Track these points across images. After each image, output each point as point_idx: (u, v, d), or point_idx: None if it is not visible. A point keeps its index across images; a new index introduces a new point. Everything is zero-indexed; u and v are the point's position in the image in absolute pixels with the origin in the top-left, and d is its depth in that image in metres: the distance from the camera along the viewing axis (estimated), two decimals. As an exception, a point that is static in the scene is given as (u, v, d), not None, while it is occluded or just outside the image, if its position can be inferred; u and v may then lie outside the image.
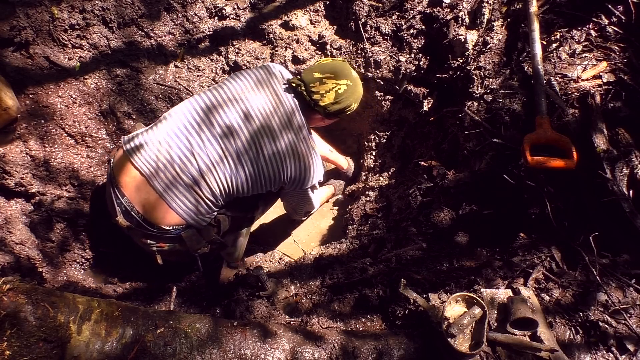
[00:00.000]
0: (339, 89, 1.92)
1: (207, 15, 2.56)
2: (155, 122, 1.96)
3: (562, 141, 1.69)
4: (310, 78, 1.93)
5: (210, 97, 1.90)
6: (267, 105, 1.92)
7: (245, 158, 1.87)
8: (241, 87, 1.93)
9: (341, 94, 1.94)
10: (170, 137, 1.85)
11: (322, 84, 1.92)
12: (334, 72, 1.93)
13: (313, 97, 1.93)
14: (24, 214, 2.18)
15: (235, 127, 1.86)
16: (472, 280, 1.62)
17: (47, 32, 2.22)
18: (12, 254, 2.02)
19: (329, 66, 1.96)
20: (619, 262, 1.56)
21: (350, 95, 1.98)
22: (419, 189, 2.17)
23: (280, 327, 1.49)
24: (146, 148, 1.84)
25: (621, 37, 1.83)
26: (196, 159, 1.82)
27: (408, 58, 2.50)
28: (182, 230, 1.91)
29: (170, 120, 1.89)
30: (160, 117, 1.96)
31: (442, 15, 2.36)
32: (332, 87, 1.92)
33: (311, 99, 1.94)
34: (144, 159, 1.83)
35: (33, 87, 2.21)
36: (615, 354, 1.40)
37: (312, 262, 2.12)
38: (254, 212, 2.25)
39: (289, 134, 1.94)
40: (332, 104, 1.95)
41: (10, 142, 2.16)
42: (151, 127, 1.94)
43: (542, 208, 1.65)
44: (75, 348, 1.19)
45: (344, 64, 2.01)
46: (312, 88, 1.92)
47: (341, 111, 2.01)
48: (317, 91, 1.92)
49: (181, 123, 1.86)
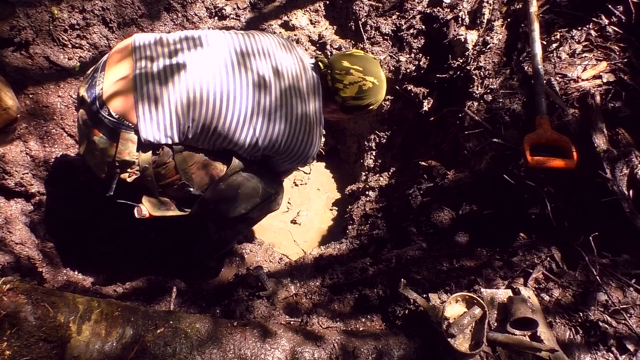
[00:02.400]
0: (364, 85, 1.79)
1: (207, 15, 2.56)
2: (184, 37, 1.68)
3: (562, 141, 1.69)
4: (339, 65, 1.80)
5: (244, 41, 1.73)
6: (294, 67, 1.77)
7: (277, 115, 1.71)
8: (268, 42, 1.78)
9: (365, 91, 1.80)
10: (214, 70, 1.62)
11: (348, 74, 1.78)
12: (363, 66, 1.80)
13: (335, 84, 1.79)
14: (24, 214, 2.18)
15: (267, 79, 1.69)
16: (472, 280, 1.62)
17: (47, 32, 2.22)
18: (12, 254, 2.02)
19: (360, 59, 1.83)
20: (619, 262, 1.56)
21: (373, 95, 1.84)
22: (419, 189, 2.17)
23: (280, 327, 1.49)
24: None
25: (621, 37, 1.83)
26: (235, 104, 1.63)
27: (408, 58, 2.50)
28: (125, 127, 1.56)
29: (211, 50, 1.66)
30: (190, 33, 1.70)
31: (442, 15, 2.36)
32: (358, 80, 1.78)
33: (333, 86, 1.80)
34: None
35: (33, 87, 2.21)
36: (615, 354, 1.40)
37: (312, 262, 2.12)
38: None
39: (317, 101, 1.81)
40: (353, 98, 1.82)
41: (10, 142, 2.16)
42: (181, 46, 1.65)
43: (542, 208, 1.65)
44: (75, 348, 1.19)
45: (375, 61, 1.88)
46: (337, 75, 1.79)
47: (359, 108, 1.87)
48: (342, 80, 1.79)
49: (222, 57, 1.65)
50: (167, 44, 1.65)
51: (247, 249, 2.38)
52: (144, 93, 1.55)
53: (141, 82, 1.55)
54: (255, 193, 1.87)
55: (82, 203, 2.31)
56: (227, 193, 1.80)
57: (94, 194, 2.28)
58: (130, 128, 1.55)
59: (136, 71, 1.57)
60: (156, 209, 1.77)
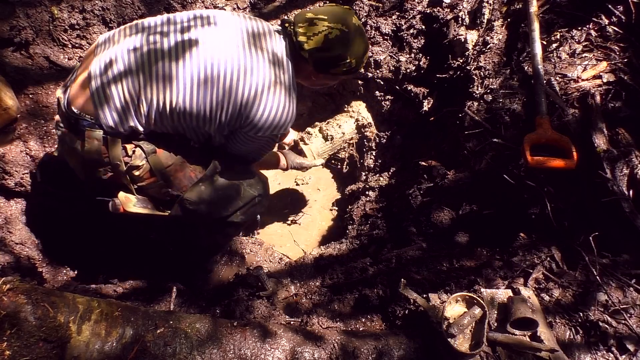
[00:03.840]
0: (329, 34, 1.61)
1: (207, 15, 2.56)
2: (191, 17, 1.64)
3: (562, 141, 1.69)
4: (301, 17, 1.66)
5: (253, 23, 1.68)
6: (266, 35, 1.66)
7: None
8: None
9: (331, 40, 1.62)
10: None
11: (311, 24, 1.62)
12: (329, 14, 1.64)
13: (298, 37, 1.64)
14: (24, 214, 2.18)
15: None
16: (472, 280, 1.62)
17: (47, 32, 2.22)
18: (12, 254, 2.02)
19: (326, 8, 1.69)
20: (619, 262, 1.56)
21: (343, 44, 1.64)
22: (419, 189, 2.17)
23: (280, 327, 1.49)
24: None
25: (621, 37, 1.83)
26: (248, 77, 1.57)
27: (408, 58, 2.50)
28: (88, 123, 1.55)
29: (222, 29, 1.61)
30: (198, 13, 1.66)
31: (442, 15, 2.36)
32: (323, 30, 1.61)
33: (297, 40, 1.64)
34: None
35: (33, 87, 2.21)
36: (615, 354, 1.40)
37: (312, 262, 2.12)
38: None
39: (283, 64, 1.66)
40: (318, 50, 1.63)
41: (10, 142, 2.16)
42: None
43: (542, 208, 1.65)
44: (75, 348, 1.19)
45: (346, 10, 1.71)
46: (299, 28, 1.64)
47: (330, 62, 1.68)
48: (304, 32, 1.63)
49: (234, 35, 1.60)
50: (145, 29, 1.61)
51: (247, 249, 2.38)
52: (100, 82, 1.52)
53: (97, 70, 1.53)
54: (237, 195, 1.83)
55: (82, 203, 2.31)
56: (209, 195, 1.78)
57: (93, 194, 2.29)
58: (94, 125, 1.55)
59: (94, 64, 1.55)
60: (131, 205, 1.74)
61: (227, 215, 1.86)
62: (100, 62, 1.55)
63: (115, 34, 1.63)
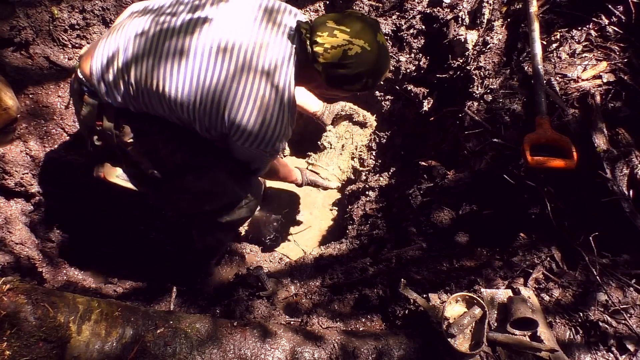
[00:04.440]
0: (349, 49, 1.43)
1: (207, 15, 2.56)
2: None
3: (562, 141, 1.69)
4: (321, 24, 1.46)
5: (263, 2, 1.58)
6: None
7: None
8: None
9: (350, 57, 1.44)
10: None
11: (331, 36, 1.43)
12: (351, 27, 1.44)
13: (314, 48, 1.45)
14: (24, 214, 2.18)
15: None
16: (472, 280, 1.62)
17: (47, 32, 2.22)
18: (12, 254, 2.02)
19: (351, 19, 1.47)
20: (619, 262, 1.56)
21: (363, 63, 1.47)
22: (419, 189, 2.17)
23: (280, 327, 1.49)
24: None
25: (621, 37, 1.83)
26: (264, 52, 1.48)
27: (408, 58, 2.50)
28: (87, 88, 1.58)
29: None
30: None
31: (442, 15, 2.36)
32: (342, 44, 1.43)
33: (312, 51, 1.45)
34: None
35: (33, 87, 2.21)
36: (615, 354, 1.40)
37: (312, 262, 2.12)
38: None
39: (285, 73, 1.54)
40: (334, 65, 1.46)
41: (10, 142, 2.16)
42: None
43: (542, 208, 1.65)
44: (75, 348, 1.19)
45: (372, 23, 1.52)
46: (317, 38, 1.44)
47: (346, 80, 1.51)
48: (322, 43, 1.43)
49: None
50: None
51: (247, 249, 2.38)
52: (101, 49, 1.56)
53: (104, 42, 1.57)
54: (222, 191, 1.76)
55: (82, 203, 2.31)
56: (194, 185, 1.73)
57: (93, 194, 2.29)
58: (93, 94, 1.59)
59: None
60: (113, 176, 1.77)
61: (211, 211, 1.80)
62: (110, 41, 1.56)
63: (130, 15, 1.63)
